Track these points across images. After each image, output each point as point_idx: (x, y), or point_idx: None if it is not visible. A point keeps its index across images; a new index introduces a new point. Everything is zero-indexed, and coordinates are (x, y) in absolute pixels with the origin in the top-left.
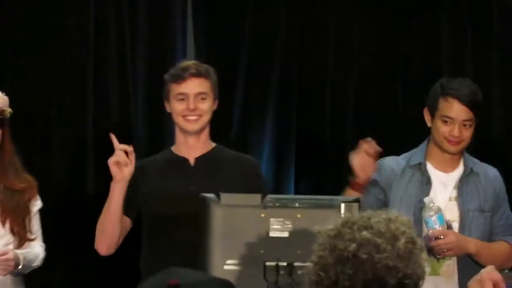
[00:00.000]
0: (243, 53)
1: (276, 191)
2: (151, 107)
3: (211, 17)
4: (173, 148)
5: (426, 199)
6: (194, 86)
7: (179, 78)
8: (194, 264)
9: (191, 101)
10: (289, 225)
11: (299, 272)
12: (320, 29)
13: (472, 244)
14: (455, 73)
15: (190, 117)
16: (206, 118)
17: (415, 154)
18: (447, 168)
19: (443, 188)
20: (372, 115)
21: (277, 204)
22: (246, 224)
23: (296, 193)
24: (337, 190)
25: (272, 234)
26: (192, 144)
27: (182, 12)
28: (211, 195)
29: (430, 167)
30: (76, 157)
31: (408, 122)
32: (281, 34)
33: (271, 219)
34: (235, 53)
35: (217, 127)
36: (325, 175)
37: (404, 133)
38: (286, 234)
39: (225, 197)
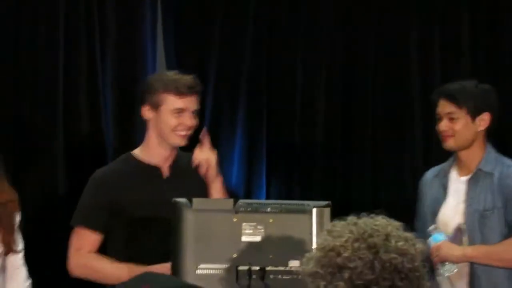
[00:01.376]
0: (212, 57)
1: (248, 195)
2: (121, 113)
3: (181, 22)
4: (139, 155)
5: (430, 228)
6: (192, 103)
7: (180, 92)
8: None
9: (188, 118)
10: (261, 229)
11: (271, 276)
12: (289, 30)
13: (459, 252)
14: (424, 76)
15: (182, 133)
16: (191, 132)
17: (448, 162)
18: (464, 172)
19: (458, 193)
20: (342, 117)
21: (249, 209)
22: (218, 229)
23: (267, 196)
24: (308, 192)
25: (244, 238)
26: (168, 155)
27: (152, 18)
28: (183, 200)
29: (453, 174)
30: (47, 164)
31: (378, 124)
32: (250, 35)
33: (243, 224)
34: (205, 58)
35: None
36: (296, 178)
37: (375, 135)
38: (258, 239)
39: (197, 202)
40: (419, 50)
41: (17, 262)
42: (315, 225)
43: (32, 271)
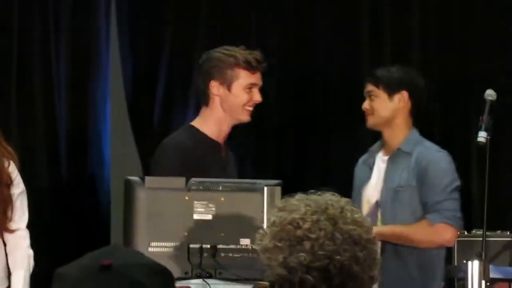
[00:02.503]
0: (165, 43)
1: None
2: (74, 98)
3: (134, 7)
4: (204, 130)
5: None
6: (260, 79)
7: (253, 67)
8: None
9: (258, 93)
10: (212, 208)
11: (223, 254)
12: (241, 24)
13: (375, 230)
14: (374, 63)
15: (251, 108)
16: None
17: (377, 143)
18: (387, 152)
19: (380, 171)
20: (295, 99)
21: (201, 187)
22: (170, 207)
23: None
24: (260, 171)
25: (196, 216)
26: (227, 133)
27: (106, 3)
28: (135, 178)
29: (380, 154)
30: None
31: (331, 106)
32: (203, 18)
33: (195, 202)
34: (158, 43)
35: (140, 113)
36: (248, 157)
37: (328, 116)
38: (209, 217)
39: (150, 180)
40: (370, 39)
41: (19, 235)
42: (266, 204)
43: None
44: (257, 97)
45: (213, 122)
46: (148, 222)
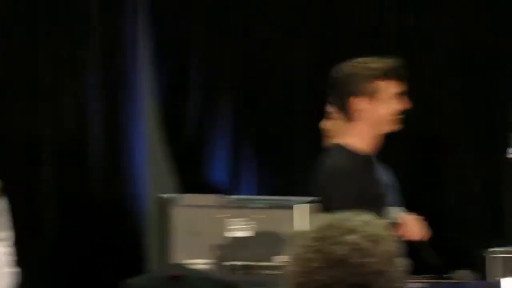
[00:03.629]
0: (194, 59)
1: (235, 191)
2: (109, 118)
3: (161, 22)
4: (356, 146)
5: None
6: (401, 85)
7: (394, 76)
8: None
9: (403, 100)
10: (248, 225)
11: (256, 271)
12: (267, 29)
13: None
14: None
15: (398, 116)
16: None
17: None
18: None
19: None
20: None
21: (235, 205)
22: (206, 224)
23: (254, 191)
24: (301, 187)
25: (231, 234)
26: (377, 144)
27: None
28: (170, 195)
29: None
30: (31, 162)
31: None
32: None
33: (230, 219)
34: (188, 57)
35: (175, 127)
36: (283, 173)
37: None
38: (244, 234)
39: (186, 198)
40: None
41: None
42: (298, 221)
43: None
44: (403, 104)
45: (361, 137)
46: (184, 239)
